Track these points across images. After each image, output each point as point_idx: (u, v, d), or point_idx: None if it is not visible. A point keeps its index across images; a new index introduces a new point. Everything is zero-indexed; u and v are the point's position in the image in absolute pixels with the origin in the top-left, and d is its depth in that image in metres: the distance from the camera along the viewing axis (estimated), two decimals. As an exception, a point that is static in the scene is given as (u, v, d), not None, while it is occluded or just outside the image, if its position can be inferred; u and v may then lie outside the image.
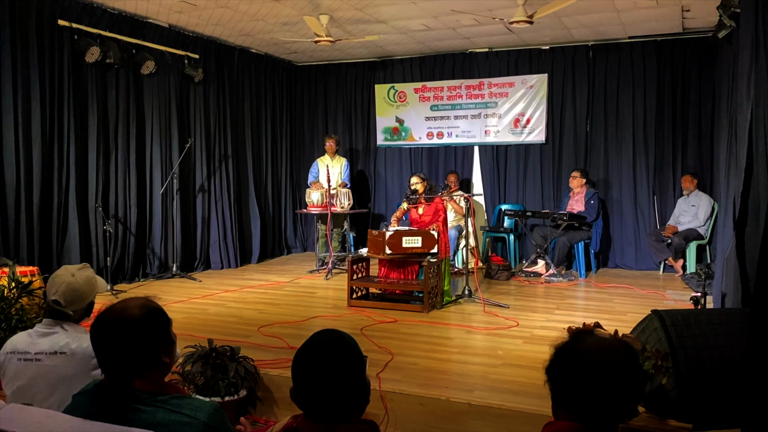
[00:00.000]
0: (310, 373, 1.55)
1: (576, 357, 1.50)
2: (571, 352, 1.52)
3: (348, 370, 1.56)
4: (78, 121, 6.40)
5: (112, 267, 6.70)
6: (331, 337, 1.62)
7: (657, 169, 8.02)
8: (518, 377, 3.80)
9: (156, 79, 7.28)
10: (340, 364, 1.55)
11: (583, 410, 1.47)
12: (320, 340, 1.61)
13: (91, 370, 2.24)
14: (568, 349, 1.54)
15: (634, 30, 7.66)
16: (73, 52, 6.28)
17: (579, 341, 1.55)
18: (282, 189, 9.57)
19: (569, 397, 1.49)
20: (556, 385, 1.53)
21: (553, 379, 1.53)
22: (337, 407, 1.55)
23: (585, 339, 1.55)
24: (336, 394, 1.54)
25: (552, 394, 1.55)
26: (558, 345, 1.56)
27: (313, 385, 1.54)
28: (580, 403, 1.47)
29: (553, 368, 1.54)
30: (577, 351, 1.52)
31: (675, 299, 6.14)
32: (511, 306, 5.82)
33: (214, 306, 5.86)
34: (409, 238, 5.79)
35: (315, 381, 1.54)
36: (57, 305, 2.37)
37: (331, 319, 5.39)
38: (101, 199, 6.64)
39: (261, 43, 8.44)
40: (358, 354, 1.62)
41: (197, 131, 7.91)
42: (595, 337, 1.57)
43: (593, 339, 1.55)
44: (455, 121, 8.98)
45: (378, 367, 3.93)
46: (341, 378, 1.54)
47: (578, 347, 1.53)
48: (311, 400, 1.55)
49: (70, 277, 2.42)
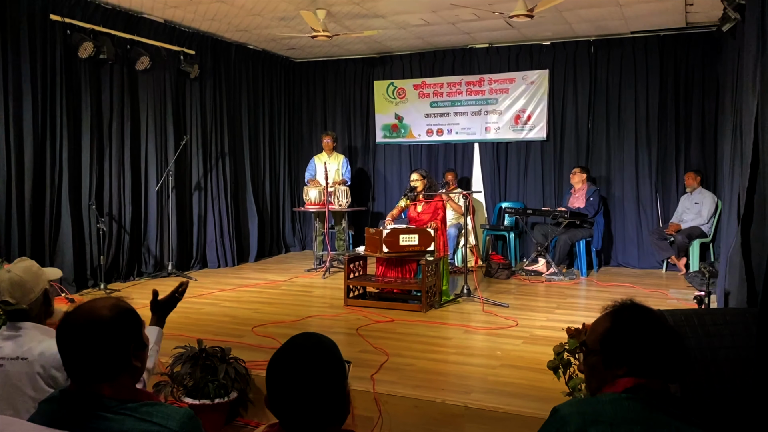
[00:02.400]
0: (285, 380, 1.44)
1: (644, 313, 1.61)
2: (637, 309, 1.63)
3: (326, 377, 1.45)
4: (71, 117, 6.30)
5: (107, 266, 6.61)
6: (308, 342, 1.51)
7: (660, 165, 7.90)
8: (517, 379, 3.70)
9: (151, 75, 7.18)
10: (318, 370, 1.44)
11: (652, 364, 1.55)
12: (297, 345, 1.50)
13: (51, 374, 2.14)
14: (631, 308, 1.63)
15: (636, 24, 7.54)
16: (66, 47, 6.18)
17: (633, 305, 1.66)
18: (280, 187, 9.46)
19: (636, 354, 1.56)
20: (619, 345, 1.58)
21: (617, 339, 1.58)
22: (314, 417, 1.43)
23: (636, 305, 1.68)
24: (313, 404, 1.43)
25: (609, 357, 1.59)
26: (615, 308, 1.65)
27: (288, 393, 1.43)
28: (649, 357, 1.55)
29: (618, 328, 1.60)
30: (644, 307, 1.63)
31: (678, 298, 6.02)
32: (511, 305, 5.71)
33: (208, 305, 5.77)
34: (406, 236, 5.69)
35: (290, 389, 1.43)
36: (8, 305, 2.28)
37: (327, 319, 5.29)
38: (95, 197, 6.55)
39: (258, 39, 8.33)
40: (338, 360, 1.50)
41: (193, 128, 7.81)
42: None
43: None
44: (455, 117, 8.86)
45: (373, 369, 3.83)
46: (318, 386, 1.43)
47: (641, 306, 1.64)
48: (286, 409, 1.45)
49: (7, 273, 2.32)
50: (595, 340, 1.62)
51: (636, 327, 1.58)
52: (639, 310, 1.62)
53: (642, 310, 1.62)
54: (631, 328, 1.58)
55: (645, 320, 1.59)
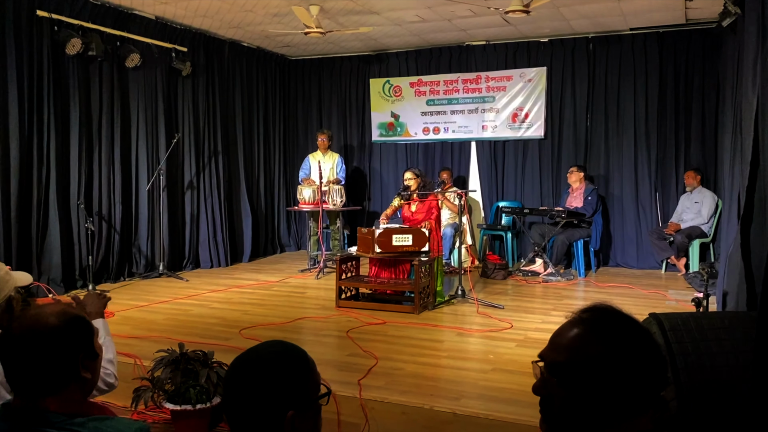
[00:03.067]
0: (239, 390, 1.31)
1: (640, 330, 1.21)
2: (629, 324, 1.21)
3: (287, 393, 1.30)
4: (59, 115, 6.19)
5: (96, 266, 6.50)
6: (273, 349, 1.36)
7: (659, 164, 7.78)
8: (508, 384, 3.58)
9: (142, 73, 7.07)
10: (278, 384, 1.30)
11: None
12: (260, 352, 1.37)
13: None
14: (619, 321, 1.22)
15: (635, 21, 7.41)
16: (53, 43, 6.07)
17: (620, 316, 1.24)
18: (275, 186, 9.35)
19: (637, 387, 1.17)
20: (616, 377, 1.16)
21: (613, 368, 1.16)
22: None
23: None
24: (268, 421, 1.29)
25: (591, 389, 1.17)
26: (593, 319, 1.21)
27: (242, 406, 1.30)
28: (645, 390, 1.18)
29: (614, 352, 1.17)
30: (634, 321, 1.22)
31: (677, 299, 5.91)
32: (507, 307, 5.60)
33: (197, 307, 5.65)
34: (399, 236, 5.57)
35: (244, 401, 1.30)
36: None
37: (317, 321, 5.18)
38: (84, 196, 6.43)
39: (252, 36, 8.22)
40: (307, 375, 1.35)
41: (185, 126, 7.69)
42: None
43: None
44: (452, 116, 8.74)
45: (360, 373, 3.72)
46: (276, 402, 1.29)
47: (630, 319, 1.23)
48: (238, 423, 1.32)
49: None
50: (576, 367, 1.17)
51: (635, 349, 1.18)
52: (631, 325, 1.21)
53: (636, 325, 1.22)
54: (629, 351, 1.17)
55: (644, 340, 1.21)
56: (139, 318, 5.20)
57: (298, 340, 4.59)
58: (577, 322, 1.22)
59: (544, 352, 1.26)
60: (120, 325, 4.92)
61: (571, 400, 1.18)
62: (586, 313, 1.23)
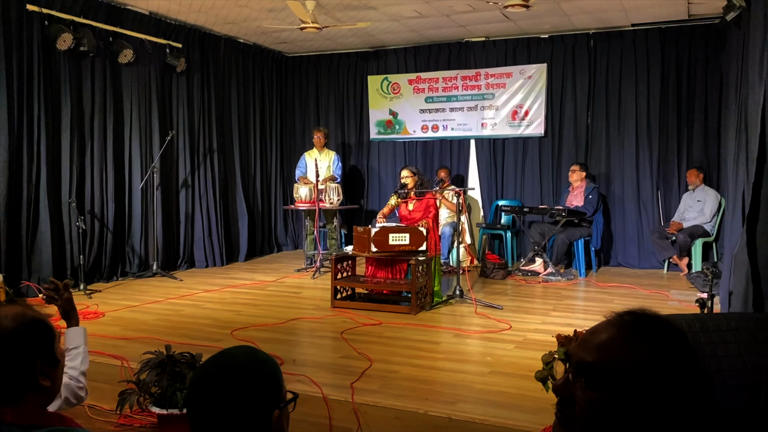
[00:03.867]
0: (202, 399, 1.20)
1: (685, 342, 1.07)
2: (676, 334, 1.07)
3: (252, 404, 1.20)
4: (49, 111, 6.07)
5: (88, 265, 6.40)
6: (237, 361, 1.25)
7: (661, 162, 7.65)
8: (506, 387, 3.46)
9: (135, 69, 6.95)
10: (244, 395, 1.20)
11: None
12: (224, 360, 1.26)
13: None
14: (668, 330, 1.07)
15: (637, 17, 7.29)
16: (44, 38, 5.96)
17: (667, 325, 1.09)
18: (272, 184, 9.24)
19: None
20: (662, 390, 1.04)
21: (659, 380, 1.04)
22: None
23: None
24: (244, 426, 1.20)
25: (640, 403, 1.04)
26: (640, 326, 1.07)
27: (204, 416, 1.19)
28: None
29: (659, 362, 1.04)
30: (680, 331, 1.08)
31: (680, 300, 5.79)
32: (506, 307, 5.48)
33: (189, 307, 5.54)
34: (396, 235, 5.45)
35: (206, 411, 1.19)
36: None
37: (312, 322, 5.06)
38: (76, 195, 6.32)
39: (248, 32, 8.10)
40: (274, 388, 1.25)
41: (180, 124, 7.57)
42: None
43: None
44: (451, 113, 8.62)
45: (354, 376, 3.60)
46: (241, 413, 1.19)
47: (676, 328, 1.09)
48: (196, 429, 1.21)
49: None
50: (611, 370, 1.05)
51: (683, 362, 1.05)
52: (676, 337, 1.07)
53: (682, 339, 1.07)
54: (676, 364, 1.04)
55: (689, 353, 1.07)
56: (130, 318, 5.09)
57: (291, 341, 4.48)
58: (615, 323, 1.10)
59: (573, 349, 1.14)
60: (109, 326, 4.81)
61: (595, 406, 1.06)
62: (628, 316, 1.10)
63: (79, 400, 2.12)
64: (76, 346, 2.28)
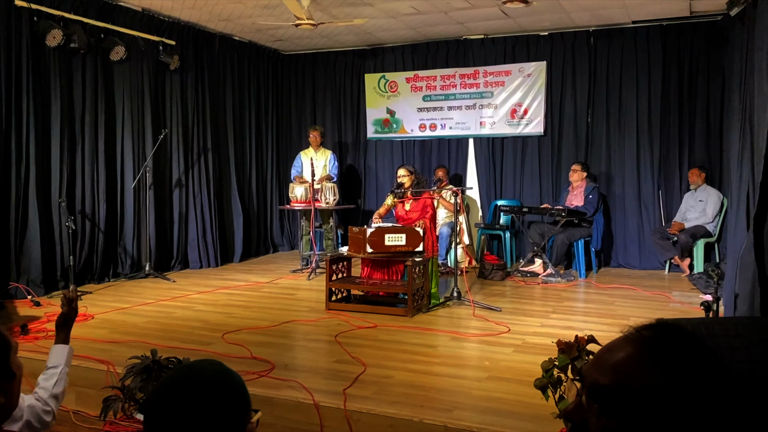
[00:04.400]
0: (161, 415, 1.09)
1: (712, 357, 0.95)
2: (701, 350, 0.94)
3: (217, 423, 1.09)
4: (39, 109, 5.95)
5: (78, 266, 6.28)
6: (202, 375, 1.14)
7: (662, 162, 7.54)
8: (504, 393, 3.34)
9: (127, 66, 6.83)
10: (206, 413, 1.08)
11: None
12: (188, 373, 1.14)
13: None
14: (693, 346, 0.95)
15: (638, 14, 7.17)
16: (32, 35, 5.83)
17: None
18: (268, 184, 9.11)
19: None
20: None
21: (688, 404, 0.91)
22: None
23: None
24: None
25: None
26: (662, 343, 0.95)
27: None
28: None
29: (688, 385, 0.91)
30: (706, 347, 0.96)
31: (682, 301, 5.67)
32: (504, 309, 5.36)
33: (181, 309, 5.41)
34: (392, 235, 5.33)
35: (165, 427, 1.08)
36: None
37: (305, 324, 4.94)
38: (66, 194, 6.20)
39: (243, 30, 7.98)
40: (240, 405, 1.14)
41: (173, 122, 7.45)
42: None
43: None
44: (449, 112, 8.50)
45: (347, 381, 3.48)
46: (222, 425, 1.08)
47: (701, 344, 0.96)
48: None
49: None
50: (629, 395, 0.93)
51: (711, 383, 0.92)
52: (704, 354, 0.95)
53: (711, 356, 0.95)
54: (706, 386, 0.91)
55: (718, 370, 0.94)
56: (119, 321, 4.97)
57: (284, 345, 4.36)
58: (634, 339, 0.97)
59: (587, 369, 1.01)
60: (97, 329, 4.69)
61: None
62: (647, 330, 0.98)
63: (43, 425, 1.93)
64: (55, 366, 2.13)
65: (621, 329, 0.99)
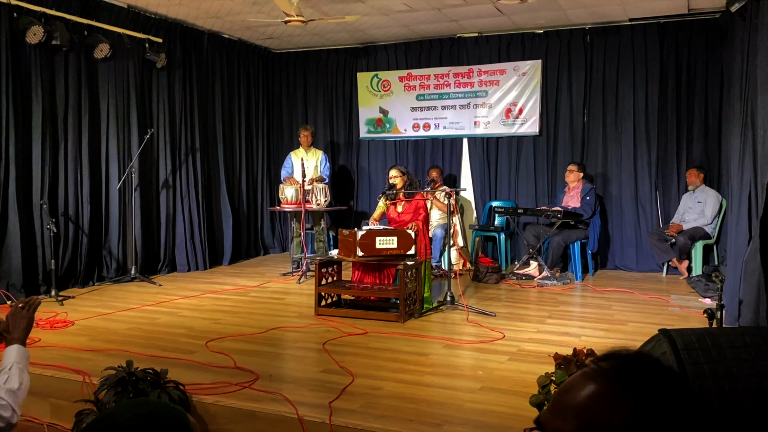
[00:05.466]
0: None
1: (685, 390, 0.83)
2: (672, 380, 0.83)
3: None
4: (19, 108, 5.77)
5: (62, 270, 6.11)
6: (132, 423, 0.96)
7: (660, 162, 7.39)
8: (498, 406, 3.18)
9: (112, 64, 6.65)
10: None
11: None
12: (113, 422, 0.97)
13: None
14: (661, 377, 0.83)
15: (635, 11, 7.03)
16: (12, 31, 5.65)
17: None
18: (258, 185, 8.94)
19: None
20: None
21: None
22: None
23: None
24: None
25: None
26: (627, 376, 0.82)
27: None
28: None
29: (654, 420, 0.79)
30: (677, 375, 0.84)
31: (681, 305, 5.53)
32: (499, 314, 5.20)
33: (165, 315, 5.24)
34: (383, 238, 5.17)
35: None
36: None
37: (293, 331, 4.77)
38: (48, 196, 6.02)
39: (232, 27, 7.81)
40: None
41: (160, 122, 7.27)
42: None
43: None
44: (443, 111, 8.34)
45: (333, 394, 3.32)
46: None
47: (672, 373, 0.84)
48: None
49: None
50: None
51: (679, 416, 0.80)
52: (673, 382, 0.82)
53: (681, 382, 0.83)
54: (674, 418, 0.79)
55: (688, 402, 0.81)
56: (100, 327, 4.79)
57: (269, 353, 4.19)
58: (594, 374, 0.83)
59: (545, 417, 0.86)
60: (77, 336, 4.51)
61: None
62: (606, 362, 0.84)
63: (4, 422, 1.92)
64: (5, 366, 2.08)
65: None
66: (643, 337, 3.45)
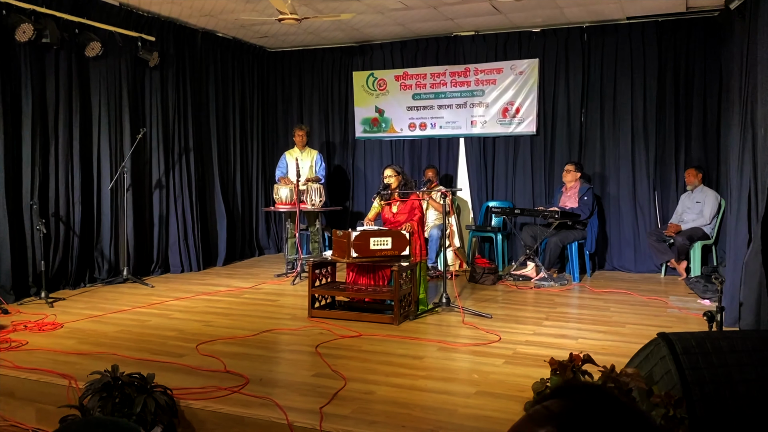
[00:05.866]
0: None
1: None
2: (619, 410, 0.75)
3: None
4: (8, 107, 5.68)
5: (52, 272, 6.02)
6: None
7: (658, 162, 7.32)
8: (493, 411, 3.11)
9: (104, 63, 6.56)
10: None
11: None
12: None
13: None
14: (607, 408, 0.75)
15: (633, 9, 6.96)
16: (1, 29, 5.56)
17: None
18: (253, 185, 8.85)
19: None
20: None
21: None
22: None
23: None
24: None
25: None
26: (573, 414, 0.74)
27: None
28: None
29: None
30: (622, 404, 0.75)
31: (679, 307, 5.46)
32: (495, 316, 5.13)
33: (156, 317, 5.15)
34: (377, 239, 5.09)
35: None
36: None
37: (285, 334, 4.69)
38: (39, 196, 5.93)
39: (227, 25, 7.72)
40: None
41: (153, 121, 7.18)
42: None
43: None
44: (439, 110, 8.27)
45: (324, 398, 3.24)
46: None
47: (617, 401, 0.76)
48: None
49: None
50: None
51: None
52: (630, 420, 0.74)
53: (640, 420, 0.74)
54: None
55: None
56: (89, 330, 4.71)
57: (260, 356, 4.11)
58: (542, 418, 0.74)
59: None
60: (65, 339, 4.43)
61: None
62: (554, 403, 0.75)
63: None
64: None
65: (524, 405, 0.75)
66: (642, 339, 3.39)
